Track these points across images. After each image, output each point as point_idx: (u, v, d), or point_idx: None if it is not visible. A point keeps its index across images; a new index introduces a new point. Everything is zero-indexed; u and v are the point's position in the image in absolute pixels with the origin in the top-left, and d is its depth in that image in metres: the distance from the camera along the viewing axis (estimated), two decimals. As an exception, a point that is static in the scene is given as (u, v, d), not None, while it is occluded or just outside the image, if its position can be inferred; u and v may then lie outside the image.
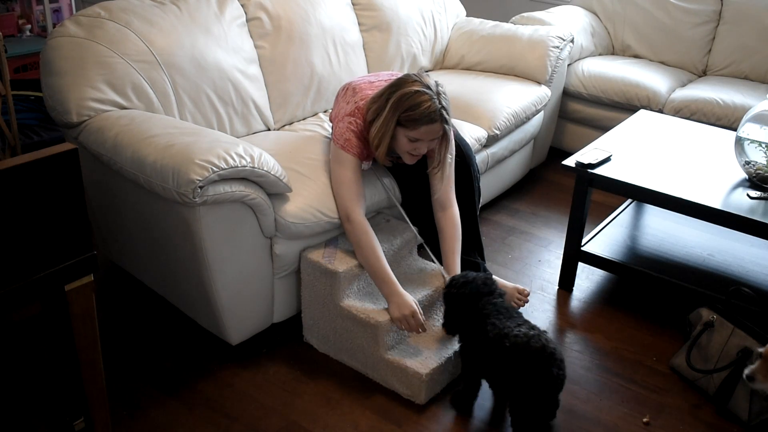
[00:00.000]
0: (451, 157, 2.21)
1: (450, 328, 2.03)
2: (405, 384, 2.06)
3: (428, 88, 2.04)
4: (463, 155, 2.36)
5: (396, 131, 2.07)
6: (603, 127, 3.48)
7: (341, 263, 2.11)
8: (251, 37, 2.66)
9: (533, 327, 1.87)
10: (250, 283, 2.12)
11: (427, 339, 2.16)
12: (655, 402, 2.11)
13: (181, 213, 1.95)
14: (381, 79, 2.26)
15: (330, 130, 2.68)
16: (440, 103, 2.04)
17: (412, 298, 2.06)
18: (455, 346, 2.12)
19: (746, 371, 1.85)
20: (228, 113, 2.53)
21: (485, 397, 2.10)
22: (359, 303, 2.13)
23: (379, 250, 2.09)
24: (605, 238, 2.66)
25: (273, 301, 2.23)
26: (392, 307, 2.05)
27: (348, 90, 2.27)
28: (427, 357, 2.08)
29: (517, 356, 1.80)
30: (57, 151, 1.38)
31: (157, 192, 1.93)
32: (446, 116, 2.06)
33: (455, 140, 2.33)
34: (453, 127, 2.22)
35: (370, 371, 2.15)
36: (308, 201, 2.13)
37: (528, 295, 2.36)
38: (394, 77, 2.17)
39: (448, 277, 2.13)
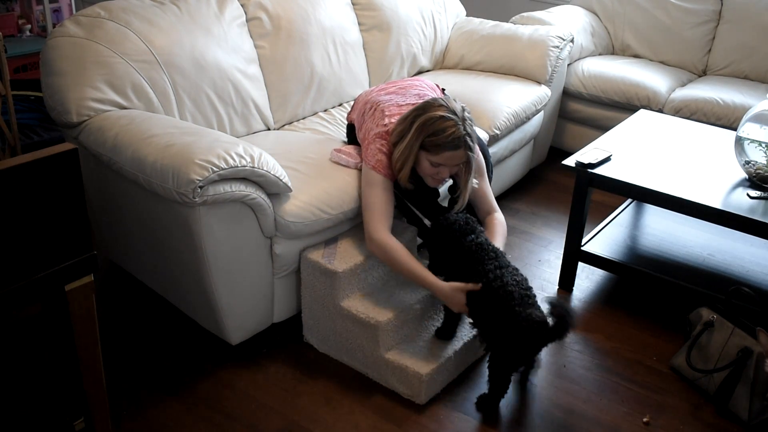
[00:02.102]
0: (476, 182, 2.17)
1: (436, 269, 2.06)
2: (405, 384, 2.06)
3: (454, 113, 2.01)
4: (483, 155, 2.36)
5: (419, 155, 2.06)
6: (603, 127, 3.49)
7: (341, 263, 2.11)
8: (251, 37, 2.66)
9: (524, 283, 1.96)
10: (250, 283, 2.12)
11: (427, 339, 2.16)
12: (655, 402, 2.11)
13: (181, 213, 1.95)
14: (408, 101, 2.23)
15: (336, 128, 2.69)
16: (465, 129, 2.02)
17: (454, 285, 2.00)
18: (456, 346, 2.12)
19: None
20: (228, 113, 2.53)
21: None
22: (359, 303, 2.13)
23: (405, 258, 2.06)
24: (605, 238, 2.66)
25: (273, 301, 2.23)
26: (448, 304, 2.05)
27: (376, 110, 2.24)
28: (427, 357, 2.08)
29: (521, 326, 1.86)
30: (57, 151, 1.38)
31: (157, 192, 1.93)
32: (470, 143, 2.04)
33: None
34: (478, 152, 2.18)
35: (370, 371, 2.15)
36: (307, 200, 2.13)
37: None
38: (422, 100, 2.16)
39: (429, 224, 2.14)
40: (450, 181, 2.31)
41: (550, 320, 1.86)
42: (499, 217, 2.27)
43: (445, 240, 2.02)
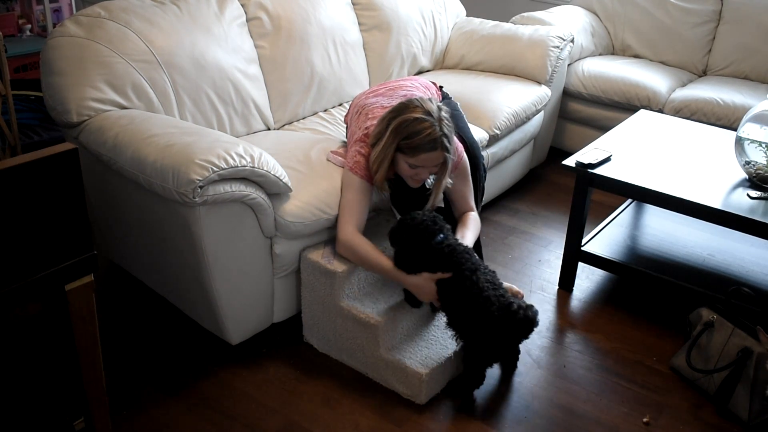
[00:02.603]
0: (450, 182, 2.16)
1: (403, 267, 2.05)
2: (405, 384, 2.06)
3: (429, 114, 1.99)
4: (472, 155, 2.35)
5: (396, 157, 2.06)
6: (603, 127, 3.49)
7: (341, 263, 2.11)
8: (251, 36, 2.66)
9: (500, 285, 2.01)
10: (250, 283, 2.12)
11: (428, 339, 2.16)
12: (655, 402, 2.11)
13: (181, 213, 1.95)
14: (393, 103, 2.20)
15: (336, 128, 2.69)
16: (441, 130, 2.00)
17: (425, 275, 2.02)
18: (455, 346, 2.12)
19: None
20: (228, 113, 2.53)
21: (486, 396, 2.11)
22: (359, 303, 2.13)
23: (373, 253, 2.06)
24: (605, 238, 2.66)
25: (273, 301, 2.23)
26: (419, 294, 2.06)
27: (361, 113, 2.25)
28: (426, 357, 2.08)
29: (502, 322, 1.94)
30: (57, 151, 1.38)
31: (157, 192, 1.93)
32: (447, 144, 2.02)
33: (467, 140, 2.34)
34: (457, 145, 2.18)
35: (370, 371, 2.15)
36: (307, 200, 2.13)
37: (522, 298, 2.37)
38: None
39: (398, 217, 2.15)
40: None
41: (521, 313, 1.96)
42: (474, 215, 2.28)
43: (413, 240, 2.01)
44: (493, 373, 2.20)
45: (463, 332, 2.01)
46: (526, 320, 1.95)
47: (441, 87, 2.58)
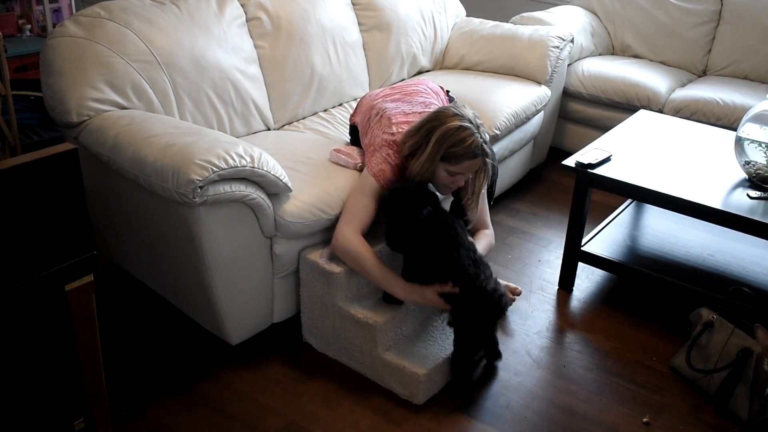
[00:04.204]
0: (485, 188, 2.21)
1: (393, 244, 2.06)
2: (402, 384, 2.06)
3: (469, 122, 2.04)
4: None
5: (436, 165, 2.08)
6: (603, 127, 3.49)
7: (339, 263, 2.11)
8: (251, 37, 2.67)
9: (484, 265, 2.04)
10: (250, 283, 2.12)
11: (426, 339, 2.16)
12: (655, 402, 2.11)
13: (181, 213, 1.95)
14: (414, 110, 2.23)
15: (336, 128, 2.69)
16: (481, 137, 2.04)
17: (426, 287, 2.04)
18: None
19: None
20: (228, 113, 2.53)
21: (485, 395, 2.11)
22: (357, 303, 2.13)
23: (370, 256, 2.05)
24: (605, 238, 2.66)
25: (273, 301, 2.23)
26: (407, 296, 2.05)
27: (382, 117, 2.23)
28: (424, 357, 2.08)
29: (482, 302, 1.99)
30: (57, 151, 1.38)
31: (157, 192, 1.93)
32: (488, 150, 2.07)
33: None
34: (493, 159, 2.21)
35: (368, 371, 2.15)
36: (307, 200, 2.13)
37: (519, 294, 2.44)
38: (430, 108, 2.16)
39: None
40: None
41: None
42: (488, 234, 2.31)
43: (401, 209, 2.03)
44: (493, 373, 2.20)
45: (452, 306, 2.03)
46: (481, 291, 1.96)
47: (448, 92, 2.58)
